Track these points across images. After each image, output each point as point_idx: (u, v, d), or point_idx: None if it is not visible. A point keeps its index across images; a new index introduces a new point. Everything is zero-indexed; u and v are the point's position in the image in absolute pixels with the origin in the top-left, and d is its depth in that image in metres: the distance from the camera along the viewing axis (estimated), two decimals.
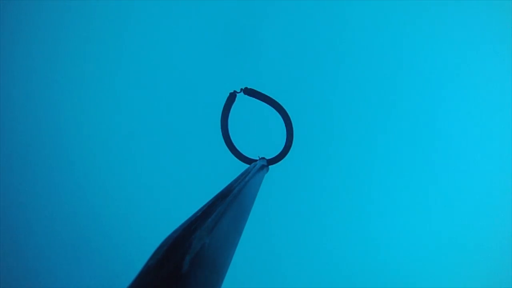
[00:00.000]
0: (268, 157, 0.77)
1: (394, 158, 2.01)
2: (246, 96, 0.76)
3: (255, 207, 0.47)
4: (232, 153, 0.81)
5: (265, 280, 2.12)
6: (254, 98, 0.77)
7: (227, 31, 1.96)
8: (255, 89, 0.76)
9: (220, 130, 0.81)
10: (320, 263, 2.11)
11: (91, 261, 2.09)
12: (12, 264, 2.02)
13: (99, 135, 2.05)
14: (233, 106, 0.78)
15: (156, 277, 0.21)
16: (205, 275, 0.24)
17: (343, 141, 2.03)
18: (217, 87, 1.98)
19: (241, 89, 0.76)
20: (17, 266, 2.04)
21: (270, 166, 0.71)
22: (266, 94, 0.76)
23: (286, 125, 0.78)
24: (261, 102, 0.77)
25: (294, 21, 1.93)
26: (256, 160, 0.76)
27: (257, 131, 1.77)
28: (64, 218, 2.08)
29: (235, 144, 0.81)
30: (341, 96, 1.98)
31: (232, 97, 0.77)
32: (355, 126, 2.00)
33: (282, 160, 0.79)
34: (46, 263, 2.06)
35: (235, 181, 0.44)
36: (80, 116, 2.04)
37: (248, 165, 0.61)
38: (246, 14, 1.93)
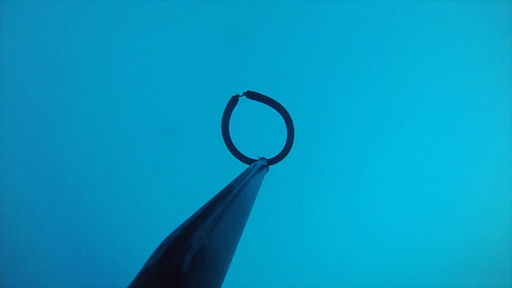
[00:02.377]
0: (268, 157, 0.77)
1: (394, 159, 2.01)
2: (247, 98, 0.76)
3: (255, 207, 0.47)
4: (232, 153, 0.81)
5: (265, 280, 2.12)
6: (256, 101, 0.77)
7: (226, 29, 1.97)
8: (256, 91, 0.77)
9: (220, 130, 0.81)
10: (320, 263, 2.11)
11: (91, 261, 2.09)
12: (12, 264, 2.02)
13: (99, 133, 2.06)
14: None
15: (156, 277, 0.21)
16: (205, 275, 0.24)
17: (344, 141, 2.03)
18: (217, 87, 1.98)
19: (244, 93, 0.76)
20: (17, 266, 2.04)
21: (270, 166, 0.72)
22: (267, 95, 0.77)
23: (287, 126, 0.78)
24: (263, 104, 0.77)
25: (294, 21, 1.93)
26: (256, 160, 0.76)
27: (257, 131, 1.77)
28: (63, 217, 2.09)
29: (235, 144, 0.81)
30: (341, 96, 1.98)
31: (234, 100, 0.77)
32: (355, 126, 2.00)
33: (282, 160, 0.79)
34: (46, 263, 2.07)
35: (235, 181, 0.44)
36: (79, 115, 2.04)
37: (248, 165, 0.61)
38: (246, 13, 1.94)
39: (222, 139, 0.81)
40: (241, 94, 0.76)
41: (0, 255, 1.98)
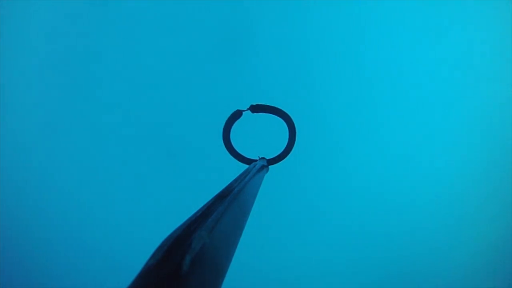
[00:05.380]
0: (268, 157, 0.77)
1: (393, 158, 2.01)
2: (251, 104, 0.76)
3: (255, 207, 0.47)
4: (231, 153, 0.81)
5: (265, 280, 2.12)
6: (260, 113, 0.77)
7: (225, 33, 1.97)
8: (259, 104, 0.77)
9: (219, 130, 0.81)
10: (319, 263, 2.11)
11: (91, 260, 2.09)
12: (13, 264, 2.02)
13: (101, 134, 2.06)
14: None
15: (156, 277, 0.21)
16: (205, 275, 0.24)
17: (344, 141, 2.03)
18: (216, 87, 1.98)
19: (248, 108, 0.76)
20: (17, 266, 2.04)
21: (270, 166, 0.71)
22: (270, 105, 0.77)
23: (288, 128, 0.78)
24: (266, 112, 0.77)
25: (292, 24, 1.93)
26: (256, 160, 0.76)
27: (257, 131, 1.77)
28: (65, 216, 2.09)
29: (234, 145, 0.81)
30: (340, 96, 1.98)
31: (237, 115, 0.77)
32: (355, 126, 2.00)
33: (282, 161, 0.79)
34: (46, 263, 2.07)
35: (235, 181, 0.44)
36: (76, 115, 2.04)
37: (248, 165, 0.61)
38: (245, 16, 1.94)
39: (222, 139, 0.80)
40: (245, 109, 0.76)
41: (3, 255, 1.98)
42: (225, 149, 0.81)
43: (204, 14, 1.92)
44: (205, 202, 0.34)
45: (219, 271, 0.28)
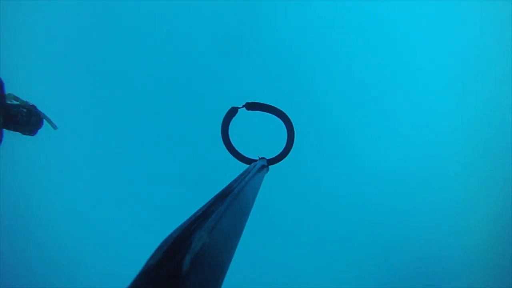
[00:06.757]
0: (268, 157, 0.77)
1: (392, 160, 2.01)
2: (248, 103, 0.76)
3: (255, 207, 0.47)
4: (232, 153, 0.81)
5: (266, 280, 2.12)
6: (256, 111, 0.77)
7: (224, 33, 1.97)
8: (255, 101, 0.76)
9: (219, 131, 0.80)
10: (319, 263, 2.11)
11: (91, 259, 2.09)
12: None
13: (103, 133, 2.06)
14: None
15: (156, 277, 0.21)
16: (205, 275, 0.24)
17: (344, 141, 2.03)
18: (216, 87, 1.98)
19: (243, 105, 0.76)
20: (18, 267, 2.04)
21: (270, 166, 0.71)
22: (265, 103, 0.77)
23: (287, 128, 0.78)
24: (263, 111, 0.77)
25: (287, 22, 1.93)
26: (256, 160, 0.76)
27: (257, 131, 1.77)
28: (67, 216, 2.09)
29: (234, 145, 0.81)
30: (338, 95, 1.98)
31: (233, 112, 0.77)
32: (355, 126, 2.00)
33: (282, 160, 0.78)
34: (48, 263, 2.07)
35: (235, 181, 0.44)
36: (79, 114, 2.04)
37: (248, 165, 0.61)
38: (243, 17, 1.94)
39: (221, 140, 0.80)
40: (241, 106, 0.76)
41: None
42: (224, 148, 0.80)
43: (204, 14, 1.92)
44: (205, 202, 0.34)
45: (219, 271, 0.28)
